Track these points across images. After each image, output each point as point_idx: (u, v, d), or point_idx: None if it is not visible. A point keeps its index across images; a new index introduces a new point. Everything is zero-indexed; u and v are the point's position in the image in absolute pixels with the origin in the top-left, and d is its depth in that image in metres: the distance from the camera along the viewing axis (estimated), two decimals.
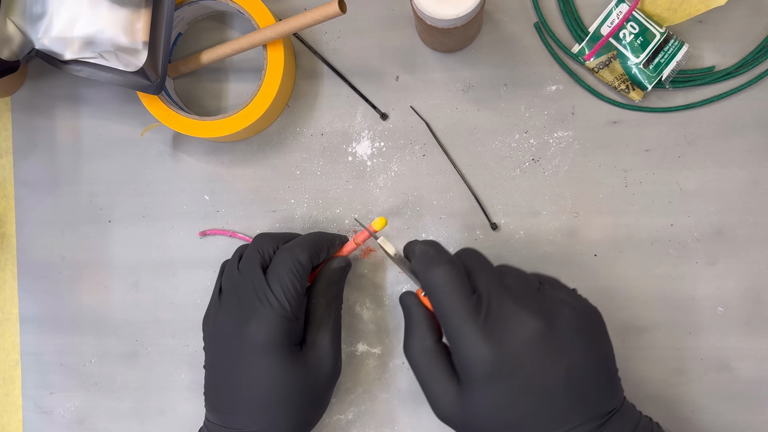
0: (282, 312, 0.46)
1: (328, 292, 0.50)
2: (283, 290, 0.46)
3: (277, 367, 0.46)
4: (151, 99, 0.53)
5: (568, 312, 0.42)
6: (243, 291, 0.47)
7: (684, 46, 0.51)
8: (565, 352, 0.41)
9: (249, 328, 0.46)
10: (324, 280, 0.50)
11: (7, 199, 0.59)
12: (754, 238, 0.52)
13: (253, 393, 0.47)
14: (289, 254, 0.47)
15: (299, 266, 0.47)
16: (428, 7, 0.46)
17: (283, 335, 0.46)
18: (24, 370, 0.58)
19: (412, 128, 0.55)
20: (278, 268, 0.47)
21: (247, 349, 0.46)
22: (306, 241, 0.48)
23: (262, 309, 0.46)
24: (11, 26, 0.50)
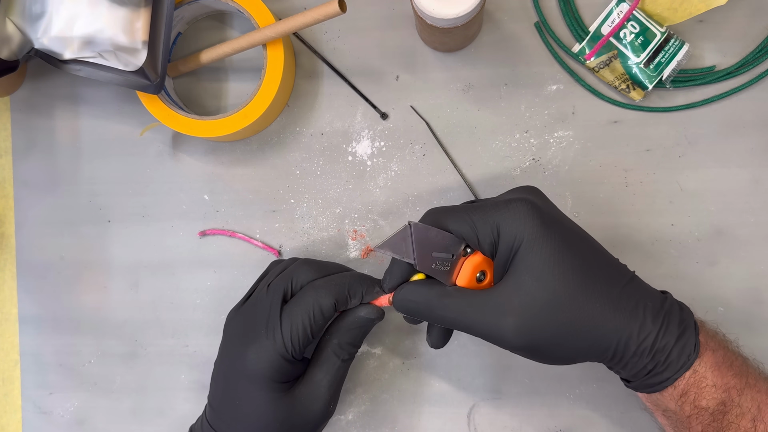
0: (282, 351, 0.45)
1: (344, 336, 0.47)
2: (291, 331, 0.45)
3: (263, 398, 0.45)
4: (150, 98, 0.53)
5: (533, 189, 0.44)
6: (259, 313, 0.46)
7: (684, 46, 0.51)
8: (560, 213, 0.43)
9: (247, 353, 0.45)
10: (346, 324, 0.47)
11: (7, 199, 0.59)
12: (754, 238, 0.52)
13: (236, 411, 0.46)
14: (313, 296, 0.45)
15: (318, 312, 0.45)
16: (428, 7, 0.46)
17: (277, 372, 0.45)
18: (23, 370, 0.58)
19: (412, 128, 0.55)
20: (297, 306, 0.45)
21: (240, 371, 0.46)
22: (337, 285, 0.46)
23: (265, 341, 0.45)
24: (10, 26, 0.50)
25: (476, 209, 0.42)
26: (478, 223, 0.41)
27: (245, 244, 0.56)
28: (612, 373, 0.53)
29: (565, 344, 0.41)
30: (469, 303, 0.41)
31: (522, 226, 0.40)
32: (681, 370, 0.40)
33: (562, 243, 0.40)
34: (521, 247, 0.40)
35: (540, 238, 0.40)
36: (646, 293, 0.42)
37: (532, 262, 0.40)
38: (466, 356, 0.54)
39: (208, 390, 0.49)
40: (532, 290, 0.40)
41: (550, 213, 0.42)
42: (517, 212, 0.40)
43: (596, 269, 0.41)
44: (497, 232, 0.41)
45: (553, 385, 0.53)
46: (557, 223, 0.41)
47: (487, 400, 0.54)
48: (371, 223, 0.55)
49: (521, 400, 0.53)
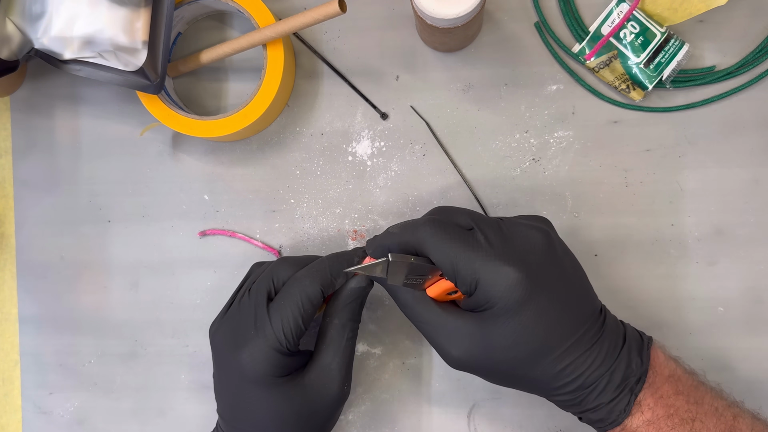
0: (277, 346, 0.44)
1: (342, 313, 0.47)
2: (283, 325, 0.44)
3: (272, 397, 0.45)
4: (150, 98, 0.53)
5: (542, 230, 0.43)
6: (245, 316, 0.46)
7: (684, 46, 0.51)
8: (561, 258, 0.43)
9: (241, 356, 0.45)
10: (340, 300, 0.47)
11: (6, 199, 0.59)
12: (754, 238, 0.52)
13: (249, 418, 0.46)
14: (298, 287, 0.45)
15: (306, 301, 0.45)
16: (428, 7, 0.46)
17: (276, 368, 0.45)
18: (23, 370, 0.58)
19: (412, 128, 0.55)
20: (284, 300, 0.45)
21: (241, 376, 0.45)
22: (318, 270, 0.46)
23: (256, 340, 0.45)
24: (10, 26, 0.50)
25: (465, 250, 0.41)
26: (460, 270, 0.41)
27: (245, 244, 0.56)
28: None
29: (503, 383, 0.44)
30: (429, 318, 0.44)
31: (500, 297, 0.40)
32: (612, 425, 0.42)
33: (536, 316, 0.41)
34: (494, 309, 0.41)
35: (513, 315, 0.41)
36: (600, 359, 0.42)
37: (505, 326, 0.41)
38: None
39: (216, 404, 0.49)
40: (489, 339, 0.41)
41: (538, 278, 0.41)
42: (501, 282, 0.40)
43: (560, 340, 0.41)
44: (475, 286, 0.41)
45: None
46: (541, 291, 0.41)
47: (487, 400, 0.54)
48: (371, 223, 0.55)
49: (521, 400, 0.53)
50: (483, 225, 0.42)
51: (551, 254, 0.42)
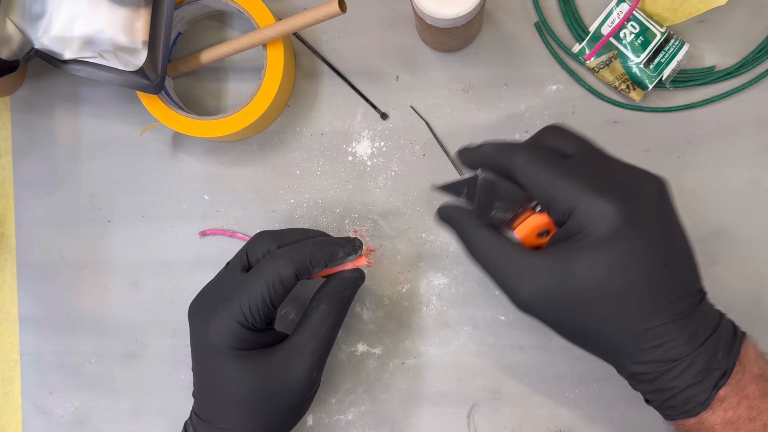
0: (241, 320, 0.44)
1: (330, 300, 0.47)
2: (250, 300, 0.44)
3: (233, 369, 0.45)
4: (150, 98, 0.53)
5: (657, 180, 0.40)
6: (217, 288, 0.47)
7: (684, 46, 0.51)
8: (670, 216, 0.40)
9: (207, 327, 0.45)
10: (331, 287, 0.47)
11: (7, 199, 0.59)
12: (755, 238, 0.52)
13: (214, 392, 0.46)
14: (273, 266, 0.44)
15: (278, 282, 0.44)
16: (428, 7, 0.46)
17: (238, 340, 0.44)
18: (23, 370, 0.58)
19: (412, 128, 0.55)
20: (256, 276, 0.44)
21: (207, 348, 0.45)
22: (298, 253, 0.45)
23: (222, 311, 0.45)
24: (10, 26, 0.50)
25: (565, 177, 0.38)
26: (556, 194, 0.38)
27: None
28: (612, 373, 0.53)
29: (575, 338, 0.41)
30: (499, 256, 0.40)
31: (594, 228, 0.37)
32: (684, 414, 0.39)
33: (629, 259, 0.38)
34: (583, 240, 0.38)
35: (603, 249, 0.38)
36: (687, 335, 0.38)
37: (593, 261, 0.38)
38: (466, 356, 0.54)
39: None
40: (572, 273, 0.38)
41: (640, 221, 0.38)
42: (598, 212, 0.37)
43: (651, 295, 0.38)
44: (569, 214, 0.38)
45: (553, 385, 0.53)
46: (639, 235, 0.38)
47: (487, 400, 0.54)
48: (371, 223, 0.55)
49: (521, 400, 0.53)
50: (590, 154, 0.40)
51: (661, 206, 0.39)
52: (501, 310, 0.53)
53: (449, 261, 0.54)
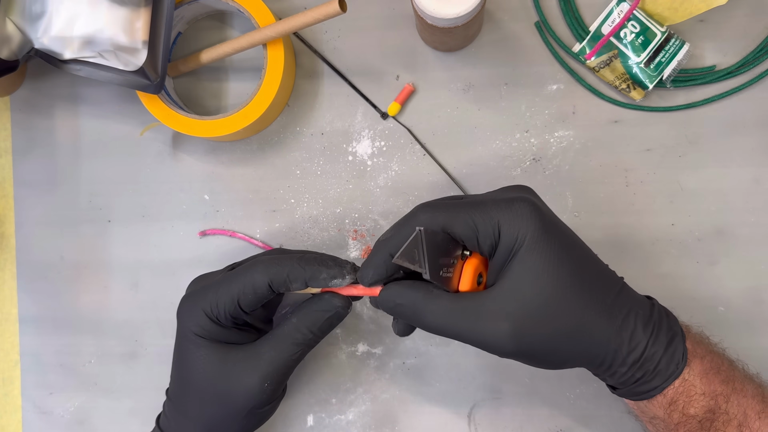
0: (208, 311, 0.45)
1: (304, 317, 0.45)
2: (218, 297, 0.45)
3: (194, 353, 0.46)
4: (150, 98, 0.53)
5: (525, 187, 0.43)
6: (206, 279, 0.49)
7: (685, 46, 0.51)
8: (557, 221, 0.42)
9: (182, 309, 0.47)
10: (311, 303, 0.45)
11: (6, 199, 0.59)
12: (755, 237, 0.52)
13: (178, 371, 0.48)
14: (249, 270, 0.44)
15: (249, 287, 0.44)
16: (429, 7, 0.46)
17: (203, 330, 0.45)
18: (23, 370, 0.58)
19: (412, 128, 0.55)
20: (234, 275, 0.45)
21: (180, 328, 0.47)
22: (279, 264, 0.44)
23: (196, 298, 0.46)
24: (10, 25, 0.50)
25: (476, 208, 0.40)
26: (479, 224, 0.40)
27: (245, 244, 0.56)
28: None
29: (560, 350, 0.40)
30: (463, 309, 0.40)
31: (525, 227, 0.39)
32: (670, 379, 0.41)
33: (561, 248, 0.40)
34: (521, 249, 0.39)
35: (541, 242, 0.39)
36: (635, 301, 0.42)
37: (532, 265, 0.39)
38: (466, 356, 0.54)
39: None
40: (530, 294, 0.39)
41: (549, 215, 0.41)
42: (520, 213, 0.39)
43: (592, 276, 0.41)
44: (498, 233, 0.40)
45: (553, 385, 0.53)
46: (555, 226, 0.41)
47: (487, 400, 0.54)
48: (371, 223, 0.55)
49: (521, 400, 0.53)
50: (468, 195, 0.43)
51: (548, 214, 0.41)
52: None
53: None
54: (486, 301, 0.40)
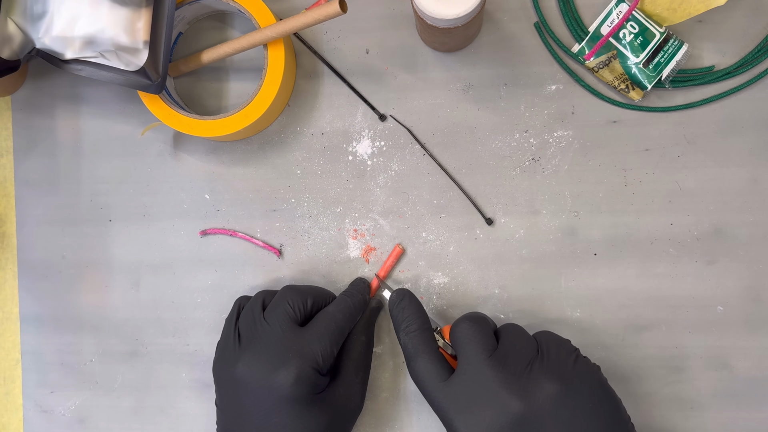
0: (315, 366, 0.47)
1: (368, 332, 0.52)
2: (322, 352, 0.47)
3: (303, 416, 0.46)
4: (151, 98, 0.53)
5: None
6: (274, 343, 0.47)
7: (684, 46, 0.52)
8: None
9: (279, 378, 0.46)
10: (368, 321, 0.52)
11: (8, 199, 0.59)
12: (753, 237, 0.52)
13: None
14: (331, 318, 0.49)
15: (338, 332, 0.49)
16: (429, 7, 0.46)
17: (314, 386, 0.47)
18: (24, 369, 0.58)
19: (412, 128, 0.55)
20: (319, 327, 0.48)
21: (276, 398, 0.46)
22: (347, 306, 0.50)
23: (295, 361, 0.46)
24: (12, 25, 0.50)
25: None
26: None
27: (246, 244, 0.56)
28: (612, 372, 0.53)
29: None
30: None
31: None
32: None
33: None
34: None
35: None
36: None
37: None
38: None
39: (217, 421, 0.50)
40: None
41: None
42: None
43: None
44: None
45: None
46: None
47: None
48: (372, 223, 0.55)
49: None
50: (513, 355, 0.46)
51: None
52: (500, 309, 0.54)
53: (449, 260, 0.54)
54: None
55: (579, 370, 0.44)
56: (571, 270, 0.53)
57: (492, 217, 0.54)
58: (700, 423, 0.52)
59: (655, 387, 0.53)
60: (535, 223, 0.54)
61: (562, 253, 0.53)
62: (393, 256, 0.54)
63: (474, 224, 0.54)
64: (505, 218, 0.54)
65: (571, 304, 0.53)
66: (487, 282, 0.54)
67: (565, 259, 0.53)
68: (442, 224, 0.54)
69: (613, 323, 0.53)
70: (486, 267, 0.54)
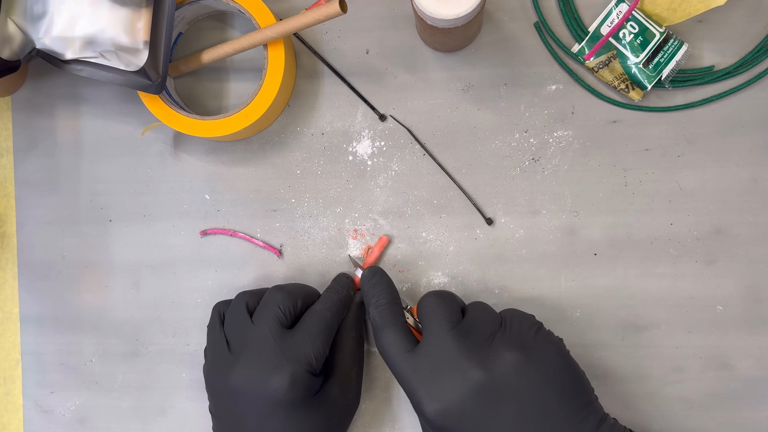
0: (309, 368, 0.46)
1: (358, 327, 0.52)
2: (314, 350, 0.47)
3: (301, 419, 0.47)
4: (151, 98, 0.53)
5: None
6: (267, 350, 0.47)
7: (683, 46, 0.52)
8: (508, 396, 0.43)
9: (273, 383, 0.46)
10: (355, 316, 0.52)
11: (8, 199, 0.59)
12: (753, 236, 0.52)
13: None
14: (321, 317, 0.48)
15: (328, 330, 0.48)
16: (429, 7, 0.46)
17: (310, 388, 0.47)
18: (24, 369, 0.58)
19: (412, 128, 0.55)
20: (309, 328, 0.48)
21: (272, 404, 0.46)
22: (334, 303, 0.50)
23: (289, 365, 0.46)
24: (12, 26, 0.51)
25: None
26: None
27: (246, 244, 0.56)
28: (611, 371, 0.53)
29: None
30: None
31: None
32: None
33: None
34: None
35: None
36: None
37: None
38: None
39: None
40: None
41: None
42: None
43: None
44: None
45: None
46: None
47: None
48: (372, 223, 0.55)
49: None
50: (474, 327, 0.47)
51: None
52: (500, 309, 0.54)
53: (449, 260, 0.54)
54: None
55: (540, 340, 0.44)
56: (571, 270, 0.53)
57: (492, 217, 0.54)
58: (700, 423, 0.52)
59: (655, 387, 0.53)
60: (535, 223, 0.54)
61: (562, 253, 0.53)
62: (378, 246, 0.54)
63: (474, 224, 0.54)
64: (505, 218, 0.54)
65: (571, 304, 0.53)
66: (487, 282, 0.54)
67: (565, 259, 0.53)
68: (442, 224, 0.54)
69: (613, 323, 0.53)
70: (486, 267, 0.54)
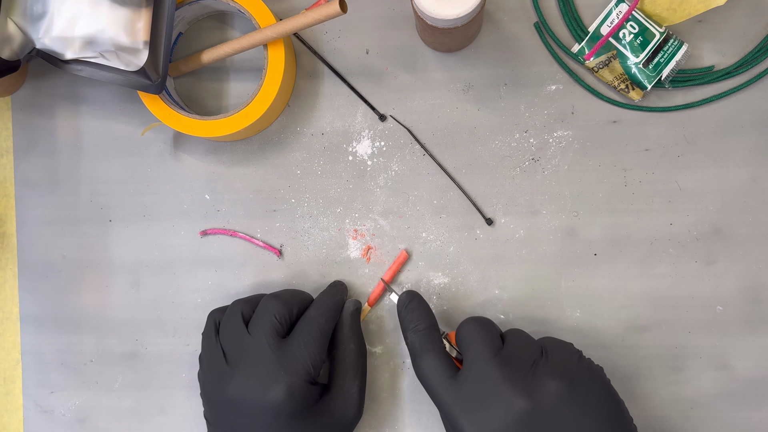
0: (308, 378, 0.46)
1: (356, 337, 0.51)
2: (311, 359, 0.47)
3: (300, 429, 0.46)
4: (151, 98, 0.53)
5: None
6: (264, 361, 0.46)
7: (683, 46, 0.52)
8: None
9: (273, 395, 0.45)
10: (348, 326, 0.51)
11: (8, 199, 0.59)
12: (753, 237, 0.52)
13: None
14: (315, 324, 0.48)
15: (323, 336, 0.48)
16: (429, 7, 0.46)
17: (310, 398, 0.47)
18: (24, 369, 0.58)
19: (412, 128, 0.55)
20: (305, 336, 0.47)
21: (272, 415, 0.46)
22: (327, 308, 0.50)
23: (287, 376, 0.46)
24: (12, 26, 0.51)
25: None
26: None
27: (246, 244, 0.56)
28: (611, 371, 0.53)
29: None
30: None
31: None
32: None
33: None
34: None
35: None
36: None
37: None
38: None
39: None
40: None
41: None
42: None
43: None
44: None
45: None
46: None
47: None
48: (372, 223, 0.55)
49: None
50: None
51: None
52: (501, 309, 0.54)
53: (449, 260, 0.54)
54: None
55: (583, 369, 0.44)
56: (571, 270, 0.53)
57: (492, 218, 0.54)
58: (700, 423, 0.52)
59: (655, 387, 0.53)
60: (535, 223, 0.54)
61: (562, 253, 0.53)
62: (398, 262, 0.54)
63: (474, 224, 0.54)
64: (505, 218, 0.54)
65: (571, 304, 0.53)
66: (487, 282, 0.54)
67: (565, 259, 0.53)
68: (442, 224, 0.54)
69: (613, 323, 0.53)
70: (486, 267, 0.54)
